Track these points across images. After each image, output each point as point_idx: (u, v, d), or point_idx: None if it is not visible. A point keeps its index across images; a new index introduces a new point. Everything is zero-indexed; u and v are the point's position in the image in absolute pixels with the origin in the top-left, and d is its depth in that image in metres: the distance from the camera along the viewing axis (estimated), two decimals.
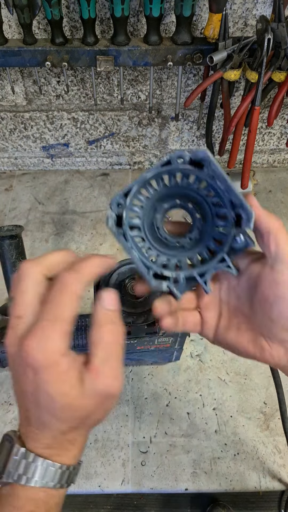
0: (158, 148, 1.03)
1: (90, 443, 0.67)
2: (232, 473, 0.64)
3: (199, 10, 0.75)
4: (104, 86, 0.88)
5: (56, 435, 0.33)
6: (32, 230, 0.96)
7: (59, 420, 0.32)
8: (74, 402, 0.31)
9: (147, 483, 0.64)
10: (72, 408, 0.31)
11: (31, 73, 0.86)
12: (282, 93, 0.79)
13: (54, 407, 0.31)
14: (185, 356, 0.76)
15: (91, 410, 0.32)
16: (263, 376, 0.73)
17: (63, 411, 0.31)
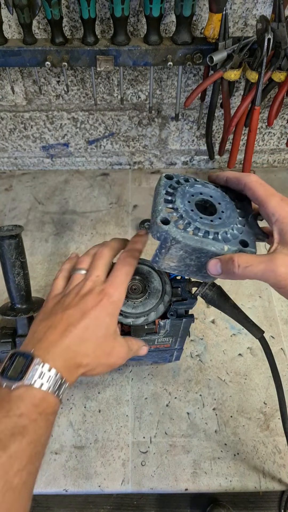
0: (158, 148, 1.03)
1: (90, 443, 0.67)
2: (232, 473, 0.64)
3: (199, 10, 0.75)
4: (104, 86, 0.88)
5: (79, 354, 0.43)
6: (32, 230, 0.96)
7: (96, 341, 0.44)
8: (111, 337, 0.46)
9: (147, 483, 0.64)
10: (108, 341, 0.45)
11: (31, 73, 0.86)
12: (282, 93, 0.79)
13: (101, 330, 0.45)
14: (185, 356, 0.76)
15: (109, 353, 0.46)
16: (263, 376, 0.73)
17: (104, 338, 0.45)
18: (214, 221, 0.44)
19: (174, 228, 0.42)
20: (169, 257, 0.45)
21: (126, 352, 0.48)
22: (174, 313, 0.55)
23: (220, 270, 0.43)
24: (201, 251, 0.43)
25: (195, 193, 0.47)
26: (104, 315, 0.45)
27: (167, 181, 0.48)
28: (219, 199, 0.47)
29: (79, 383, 0.73)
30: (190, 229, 0.43)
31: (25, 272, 0.66)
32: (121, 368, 0.74)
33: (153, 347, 0.61)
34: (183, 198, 0.46)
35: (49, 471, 0.65)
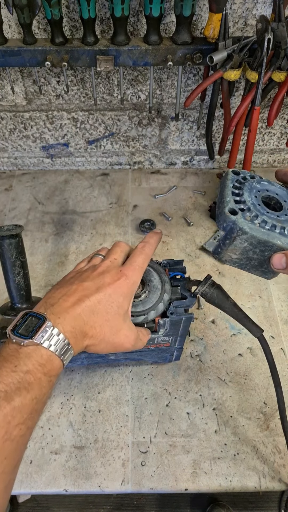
0: (158, 148, 1.03)
1: (90, 443, 0.67)
2: (232, 473, 0.64)
3: (199, 10, 0.75)
4: (104, 86, 0.88)
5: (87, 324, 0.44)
6: (32, 230, 0.96)
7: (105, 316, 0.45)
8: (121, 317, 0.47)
9: (147, 483, 0.64)
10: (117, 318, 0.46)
11: (31, 73, 0.86)
12: (282, 93, 0.79)
13: (112, 307, 0.46)
14: (185, 356, 0.76)
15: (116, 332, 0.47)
16: (263, 376, 0.73)
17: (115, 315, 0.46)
18: (280, 216, 0.45)
19: (242, 219, 0.43)
20: (232, 249, 0.45)
21: (134, 338, 0.49)
22: (173, 311, 0.55)
23: (285, 264, 0.43)
24: (266, 244, 0.44)
25: (262, 189, 0.48)
26: (118, 294, 0.46)
27: (234, 176, 0.49)
28: (285, 197, 0.48)
29: (79, 383, 0.73)
30: (257, 221, 0.44)
31: (25, 272, 0.66)
32: (121, 368, 0.74)
33: (153, 346, 0.61)
34: (250, 192, 0.47)
35: (49, 471, 0.65)
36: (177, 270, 0.60)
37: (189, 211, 0.99)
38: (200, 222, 0.96)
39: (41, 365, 0.40)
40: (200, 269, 0.88)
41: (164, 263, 0.60)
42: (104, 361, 0.70)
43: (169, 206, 1.00)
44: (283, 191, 0.49)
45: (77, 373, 0.74)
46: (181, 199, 1.01)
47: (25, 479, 0.64)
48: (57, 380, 0.71)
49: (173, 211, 0.99)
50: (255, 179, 0.49)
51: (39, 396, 0.39)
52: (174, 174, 1.07)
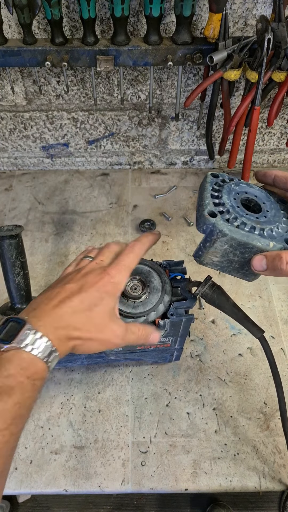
0: (158, 148, 1.03)
1: (90, 443, 0.67)
2: (232, 473, 0.64)
3: (199, 10, 0.75)
4: (104, 86, 0.88)
5: (70, 325, 0.43)
6: (32, 230, 0.96)
7: (89, 315, 0.44)
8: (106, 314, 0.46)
9: (147, 483, 0.64)
10: (102, 316, 0.45)
11: (31, 73, 0.86)
12: (282, 93, 0.79)
13: (96, 305, 0.45)
14: (185, 356, 0.76)
15: (102, 330, 0.45)
16: (263, 376, 0.73)
17: (98, 313, 0.45)
18: (259, 218, 0.46)
19: (221, 221, 0.43)
20: (213, 251, 0.45)
21: (122, 333, 0.47)
22: (174, 312, 0.55)
23: (265, 266, 0.43)
24: (246, 246, 0.44)
25: (240, 191, 0.48)
26: (102, 293, 0.46)
27: (213, 179, 0.49)
28: (264, 199, 0.49)
29: (79, 383, 0.73)
30: (237, 223, 0.44)
31: (25, 272, 0.66)
32: (121, 368, 0.74)
33: (153, 346, 0.61)
34: (229, 194, 0.47)
35: (49, 471, 0.65)
36: (177, 271, 0.60)
37: (189, 211, 0.99)
38: None
39: (23, 369, 0.39)
40: (200, 270, 0.88)
41: (165, 264, 0.60)
42: (104, 361, 0.70)
43: (169, 206, 1.00)
44: (261, 193, 0.49)
45: (77, 373, 0.74)
46: (181, 199, 1.01)
47: (25, 479, 0.64)
48: (57, 380, 0.71)
49: (173, 211, 0.99)
50: (234, 182, 0.49)
51: (22, 400, 0.38)
52: (174, 174, 1.07)
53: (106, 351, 0.61)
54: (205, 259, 0.47)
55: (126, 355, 0.65)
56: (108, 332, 0.46)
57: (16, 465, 0.65)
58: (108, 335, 0.46)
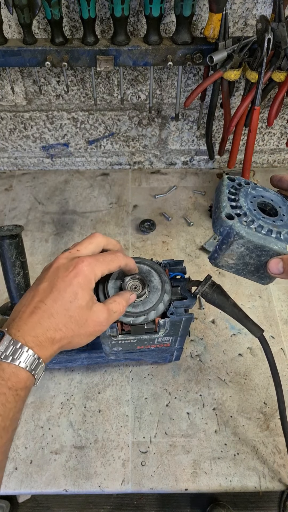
0: (158, 148, 1.03)
1: (90, 443, 0.67)
2: (232, 473, 0.64)
3: (199, 10, 0.75)
4: (104, 86, 0.88)
5: (50, 329, 0.43)
6: (32, 230, 0.96)
7: (66, 314, 0.44)
8: (84, 307, 0.45)
9: (147, 483, 0.64)
10: (80, 311, 0.44)
11: (31, 73, 0.86)
12: (282, 93, 0.79)
13: (71, 302, 0.44)
14: (185, 356, 0.76)
15: (84, 323, 0.45)
16: (263, 376, 0.73)
17: (76, 309, 0.44)
18: (276, 222, 0.46)
19: (239, 224, 0.44)
20: (229, 254, 0.46)
21: (106, 317, 0.47)
22: (173, 312, 0.55)
23: (281, 269, 0.44)
24: (263, 248, 0.44)
25: (257, 195, 0.49)
26: (74, 286, 0.44)
27: (229, 182, 0.49)
28: (280, 203, 0.49)
29: (79, 383, 0.73)
30: (254, 226, 0.44)
31: (25, 272, 0.66)
32: (121, 368, 0.74)
33: (153, 346, 0.61)
34: (246, 198, 0.47)
35: (49, 471, 0.65)
36: (177, 271, 0.60)
37: (189, 211, 0.99)
38: (200, 222, 0.96)
39: (3, 380, 0.39)
40: (200, 269, 0.88)
41: (164, 263, 0.60)
42: (104, 361, 0.70)
43: (169, 206, 1.00)
44: (277, 197, 0.50)
45: (77, 373, 0.74)
46: (181, 199, 1.01)
47: (25, 479, 0.64)
48: (57, 380, 0.71)
49: (173, 211, 0.99)
50: (250, 186, 0.50)
51: (4, 412, 0.38)
52: (174, 174, 1.07)
53: (106, 350, 0.61)
54: (220, 261, 0.47)
55: (126, 355, 0.65)
56: (91, 322, 0.46)
57: (16, 465, 0.65)
58: (92, 325, 0.46)
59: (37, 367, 0.41)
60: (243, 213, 0.45)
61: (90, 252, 0.49)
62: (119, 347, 0.59)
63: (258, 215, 0.46)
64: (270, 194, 0.50)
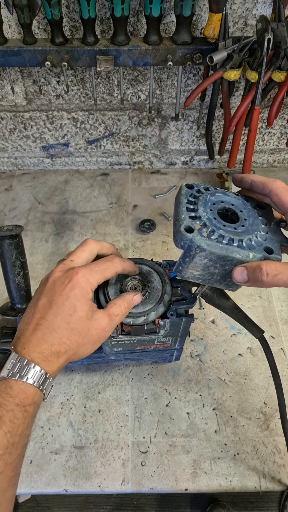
0: (158, 148, 1.03)
1: (90, 443, 0.67)
2: (232, 473, 0.64)
3: (199, 10, 0.75)
4: (104, 86, 0.88)
5: (54, 343, 0.43)
6: (32, 230, 0.96)
7: (68, 327, 0.44)
8: (85, 318, 0.45)
9: (147, 483, 0.64)
10: (81, 322, 0.45)
11: (31, 73, 0.86)
12: (282, 93, 0.79)
13: (71, 315, 0.45)
14: (185, 356, 0.76)
15: (87, 333, 0.46)
16: (263, 376, 0.73)
17: (76, 321, 0.45)
18: (237, 228, 0.45)
19: (199, 236, 0.42)
20: (193, 266, 0.45)
21: (108, 322, 0.47)
22: (174, 312, 0.55)
23: (246, 277, 0.42)
24: (226, 258, 0.43)
25: (217, 201, 0.47)
26: (72, 299, 0.45)
27: (188, 190, 0.48)
28: (241, 207, 0.48)
29: (79, 383, 0.73)
30: (215, 237, 0.43)
31: (25, 272, 0.66)
32: (121, 368, 0.74)
33: (153, 346, 0.61)
34: (205, 206, 0.46)
35: (49, 471, 0.65)
36: None
37: None
38: None
39: (11, 397, 0.39)
40: None
41: (165, 263, 0.60)
42: (104, 361, 0.70)
43: (169, 206, 1.00)
44: (238, 200, 0.48)
45: (77, 373, 0.74)
46: None
47: (25, 479, 0.64)
48: (57, 380, 0.71)
49: (173, 211, 0.98)
50: (209, 192, 0.48)
51: (13, 428, 0.38)
52: (174, 174, 1.07)
53: (106, 350, 0.61)
54: (186, 273, 0.46)
55: (126, 355, 0.65)
56: (93, 331, 0.46)
57: None
58: (95, 333, 0.46)
59: (45, 382, 0.42)
60: (202, 223, 0.44)
61: (84, 261, 0.49)
62: (119, 347, 0.59)
63: (218, 224, 0.44)
64: (231, 198, 0.48)
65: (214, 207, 0.47)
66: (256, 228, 0.45)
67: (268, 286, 0.42)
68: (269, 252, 0.44)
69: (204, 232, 0.43)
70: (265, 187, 0.46)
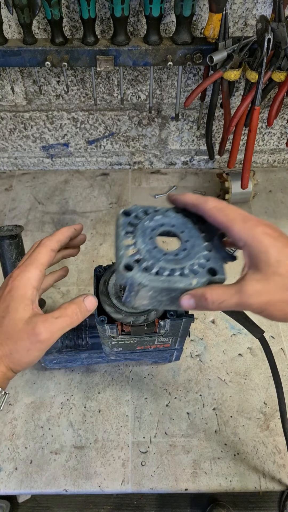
0: (158, 148, 1.03)
1: (90, 443, 0.67)
2: (232, 473, 0.64)
3: (199, 10, 0.75)
4: (104, 86, 0.88)
5: None
6: (32, 230, 0.96)
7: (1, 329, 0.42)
8: (17, 319, 0.42)
9: (147, 483, 0.64)
10: (13, 323, 0.42)
11: (31, 73, 0.86)
12: (282, 93, 0.79)
13: (4, 317, 0.42)
14: (185, 356, 0.76)
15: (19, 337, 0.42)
16: (263, 376, 0.73)
17: (8, 322, 0.42)
18: (179, 254, 0.44)
19: (139, 273, 0.41)
20: (139, 298, 0.43)
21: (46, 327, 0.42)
22: (174, 313, 0.55)
23: (194, 305, 0.41)
24: (170, 289, 0.42)
25: (156, 226, 0.46)
26: (7, 300, 0.43)
27: (125, 219, 0.46)
28: (182, 226, 0.46)
29: (79, 383, 0.73)
30: (155, 270, 0.42)
31: None
32: (121, 368, 0.74)
33: (153, 347, 0.61)
34: (144, 236, 0.44)
35: (49, 471, 0.65)
36: None
37: None
38: None
39: None
40: None
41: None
42: (104, 361, 0.70)
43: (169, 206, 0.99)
44: (178, 219, 0.47)
45: (77, 373, 0.74)
46: None
47: (25, 479, 0.64)
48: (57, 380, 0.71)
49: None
50: (148, 216, 0.47)
51: None
52: (174, 174, 1.07)
53: (106, 351, 0.61)
54: (135, 304, 0.44)
55: (126, 355, 0.65)
56: (25, 335, 0.42)
57: (16, 465, 0.65)
58: (27, 338, 0.42)
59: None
60: (142, 257, 0.42)
61: None
62: (119, 347, 0.59)
63: (158, 254, 0.43)
64: (171, 218, 0.47)
65: (154, 234, 0.45)
66: (198, 249, 0.44)
67: (215, 310, 0.41)
68: (213, 273, 0.44)
69: (144, 266, 0.42)
70: (198, 209, 0.43)
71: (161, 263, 0.42)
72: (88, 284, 0.86)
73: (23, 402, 0.71)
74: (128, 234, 0.45)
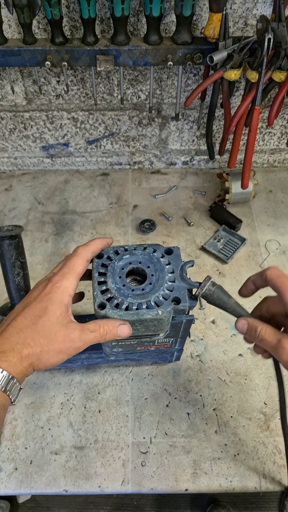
0: (158, 148, 1.03)
1: (90, 443, 0.67)
2: (232, 474, 0.64)
3: (199, 10, 0.75)
4: (104, 85, 0.88)
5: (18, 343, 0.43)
6: (32, 230, 0.95)
7: (35, 328, 0.44)
8: (54, 321, 0.45)
9: (147, 484, 0.64)
10: (49, 324, 0.44)
11: (31, 73, 0.85)
12: (283, 93, 0.79)
13: (40, 316, 0.44)
14: (185, 356, 0.75)
15: (53, 338, 0.44)
16: (264, 377, 0.73)
17: (44, 322, 0.44)
18: (145, 288, 0.51)
19: (111, 310, 0.49)
20: None
21: (78, 335, 0.45)
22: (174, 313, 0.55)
23: (245, 331, 0.49)
24: (140, 320, 0.49)
25: (125, 264, 0.53)
26: (45, 302, 0.46)
27: (98, 261, 0.54)
28: (148, 262, 0.54)
29: (79, 383, 0.73)
30: (125, 306, 0.49)
31: (25, 272, 0.66)
32: (121, 368, 0.74)
33: (154, 347, 0.61)
34: (113, 276, 0.52)
35: (49, 471, 0.65)
36: None
37: (189, 211, 0.99)
38: (200, 222, 0.96)
39: None
40: (201, 269, 0.88)
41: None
42: (104, 361, 0.70)
43: (169, 206, 1.00)
44: (144, 256, 0.54)
45: (77, 373, 0.74)
46: (181, 199, 1.01)
47: (25, 479, 0.64)
48: (57, 380, 0.71)
49: (173, 211, 0.98)
50: (118, 256, 0.54)
51: None
52: (174, 174, 1.07)
53: (106, 351, 0.61)
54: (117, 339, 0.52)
55: (126, 356, 0.65)
56: (60, 337, 0.45)
57: (16, 465, 0.65)
58: (62, 341, 0.45)
59: (12, 385, 0.42)
60: (112, 296, 0.50)
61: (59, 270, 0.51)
62: (119, 348, 0.59)
63: (126, 291, 0.50)
64: (137, 256, 0.54)
65: (123, 272, 0.52)
66: (163, 282, 0.51)
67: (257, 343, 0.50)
68: (177, 302, 0.51)
69: (115, 304, 0.49)
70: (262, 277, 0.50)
71: (129, 299, 0.50)
72: (88, 284, 0.86)
73: (23, 402, 0.71)
74: (100, 276, 0.52)
